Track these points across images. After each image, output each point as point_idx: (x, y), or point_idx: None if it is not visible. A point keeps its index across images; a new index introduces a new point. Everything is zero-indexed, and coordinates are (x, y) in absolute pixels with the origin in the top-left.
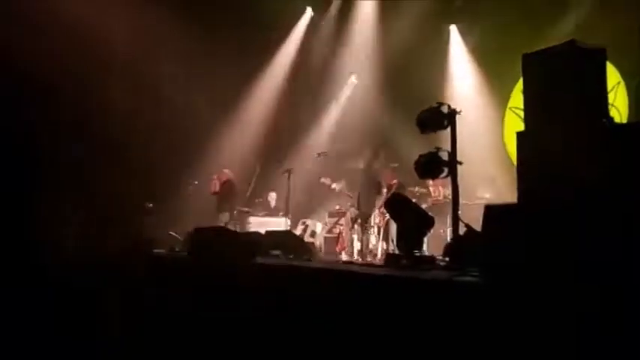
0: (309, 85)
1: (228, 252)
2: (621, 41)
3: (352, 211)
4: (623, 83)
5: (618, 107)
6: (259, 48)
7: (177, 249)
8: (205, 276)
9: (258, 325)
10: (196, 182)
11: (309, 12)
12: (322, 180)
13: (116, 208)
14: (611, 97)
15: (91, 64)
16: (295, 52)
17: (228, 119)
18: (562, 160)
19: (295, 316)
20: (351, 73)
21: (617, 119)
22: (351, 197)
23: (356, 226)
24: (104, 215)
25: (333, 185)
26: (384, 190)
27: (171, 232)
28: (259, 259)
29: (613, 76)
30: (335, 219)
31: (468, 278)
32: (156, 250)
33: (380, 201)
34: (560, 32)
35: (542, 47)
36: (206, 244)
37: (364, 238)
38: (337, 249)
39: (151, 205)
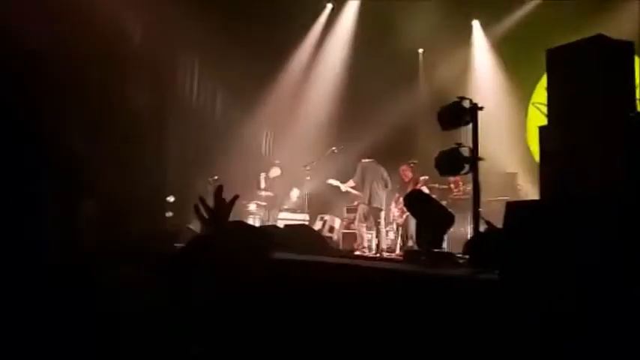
0: (328, 80)
1: (245, 246)
2: None
3: (363, 208)
4: None
5: None
6: (280, 43)
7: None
8: (222, 269)
9: (273, 321)
10: (216, 177)
11: (329, 7)
12: (329, 181)
13: (135, 202)
14: (639, 92)
15: (109, 60)
16: (315, 48)
17: (248, 116)
18: (587, 156)
19: (311, 311)
20: (371, 69)
21: None
22: (360, 195)
23: (370, 222)
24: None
25: (342, 187)
26: (409, 187)
27: (189, 226)
28: (276, 254)
29: None
30: (353, 214)
31: (487, 276)
32: (176, 245)
33: (388, 195)
34: (588, 28)
35: (567, 42)
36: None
37: (380, 234)
38: (355, 245)
39: (171, 199)
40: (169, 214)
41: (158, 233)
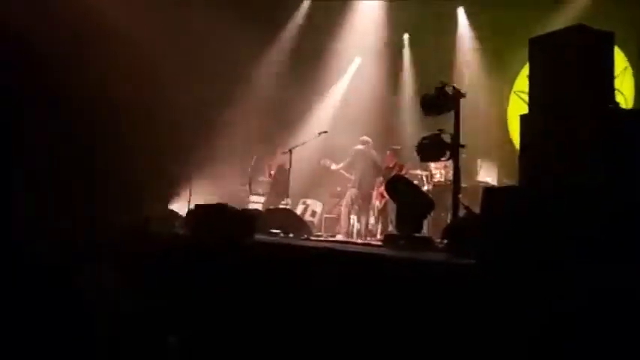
0: (313, 64)
1: (227, 229)
2: (629, 26)
3: (352, 192)
4: (630, 69)
5: (624, 93)
6: (266, 28)
7: (176, 225)
8: (204, 253)
9: (255, 303)
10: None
11: None
12: (322, 162)
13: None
14: (617, 82)
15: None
16: (298, 32)
17: (230, 99)
18: (567, 144)
19: (292, 294)
20: (356, 54)
21: (622, 105)
22: (351, 178)
23: (356, 206)
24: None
25: (333, 166)
26: (392, 172)
27: (171, 209)
28: (259, 237)
29: (620, 61)
30: (336, 199)
31: (464, 260)
32: (155, 228)
33: (379, 182)
34: (568, 17)
35: (550, 31)
36: (206, 221)
37: (363, 218)
38: (337, 229)
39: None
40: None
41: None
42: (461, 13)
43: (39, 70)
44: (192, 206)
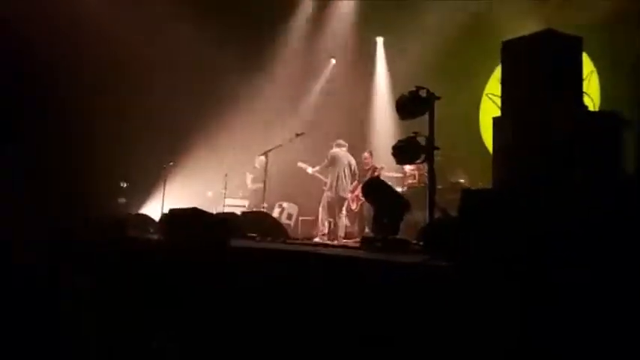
0: (288, 66)
1: (202, 233)
2: (594, 32)
3: (327, 195)
4: (596, 72)
5: (592, 95)
6: (239, 28)
7: (151, 230)
8: (179, 258)
9: (232, 309)
10: (172, 163)
11: None
12: (300, 164)
13: (85, 186)
14: (585, 85)
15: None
16: (274, 34)
17: (205, 100)
18: (538, 146)
19: (269, 298)
20: (331, 56)
21: (590, 107)
22: (327, 181)
23: (332, 209)
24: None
25: (310, 170)
26: (368, 174)
27: (144, 213)
28: (234, 241)
29: (587, 65)
30: (311, 202)
31: (439, 262)
32: (129, 233)
33: (355, 185)
34: (538, 21)
35: (521, 35)
36: (180, 226)
37: (340, 221)
38: (314, 232)
39: (124, 184)
40: (122, 200)
41: (110, 220)
42: (433, 16)
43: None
44: (165, 211)
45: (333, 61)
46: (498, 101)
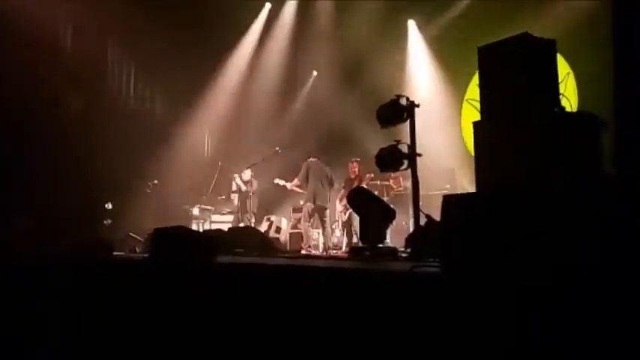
0: (269, 80)
1: (188, 251)
2: (571, 34)
3: (307, 206)
4: (572, 74)
5: (569, 97)
6: (218, 43)
7: (137, 250)
8: (165, 277)
9: (220, 326)
10: (156, 182)
11: (267, 7)
12: (276, 181)
13: (71, 209)
14: (561, 87)
15: (39, 63)
16: (255, 47)
17: (188, 117)
18: (517, 149)
19: (259, 313)
20: (312, 69)
21: (568, 108)
22: (304, 193)
23: (314, 220)
24: (57, 216)
25: (288, 185)
26: (354, 183)
27: (131, 234)
28: (222, 258)
29: (563, 67)
30: (299, 214)
31: (427, 269)
32: (116, 253)
33: (333, 194)
34: (515, 27)
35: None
36: (166, 245)
37: (326, 232)
38: (302, 244)
39: (109, 206)
40: (108, 221)
41: (96, 242)
42: (412, 25)
43: None
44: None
45: (315, 73)
46: (478, 106)
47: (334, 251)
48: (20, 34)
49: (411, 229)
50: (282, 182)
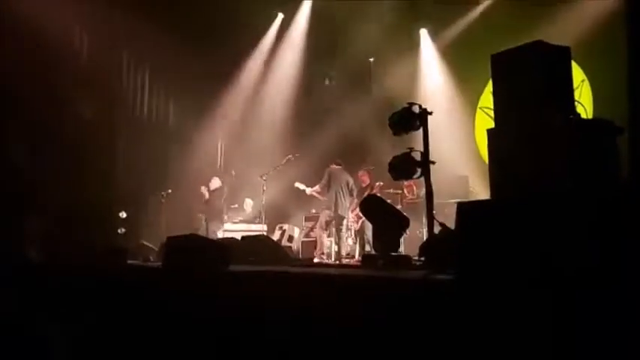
0: (282, 89)
1: (202, 260)
2: (585, 41)
3: (326, 214)
4: (587, 81)
5: (584, 104)
6: (232, 51)
7: (151, 259)
8: (178, 286)
9: (234, 334)
10: (170, 191)
11: (280, 17)
12: (297, 185)
13: (86, 217)
14: (576, 94)
15: (55, 71)
16: (267, 56)
17: (201, 126)
18: (532, 156)
19: (272, 321)
20: (325, 76)
21: (583, 115)
22: (325, 200)
23: (331, 228)
24: (71, 224)
25: (308, 190)
26: (366, 192)
27: (144, 242)
28: (235, 266)
29: (578, 74)
30: (311, 223)
31: (442, 277)
32: (130, 261)
33: (355, 203)
34: (529, 34)
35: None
36: (179, 253)
37: (340, 240)
38: (315, 253)
39: (124, 214)
40: (122, 230)
41: (110, 251)
42: (424, 33)
43: None
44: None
45: (327, 81)
46: (492, 114)
47: (347, 260)
48: (37, 38)
49: (425, 238)
50: (302, 186)
